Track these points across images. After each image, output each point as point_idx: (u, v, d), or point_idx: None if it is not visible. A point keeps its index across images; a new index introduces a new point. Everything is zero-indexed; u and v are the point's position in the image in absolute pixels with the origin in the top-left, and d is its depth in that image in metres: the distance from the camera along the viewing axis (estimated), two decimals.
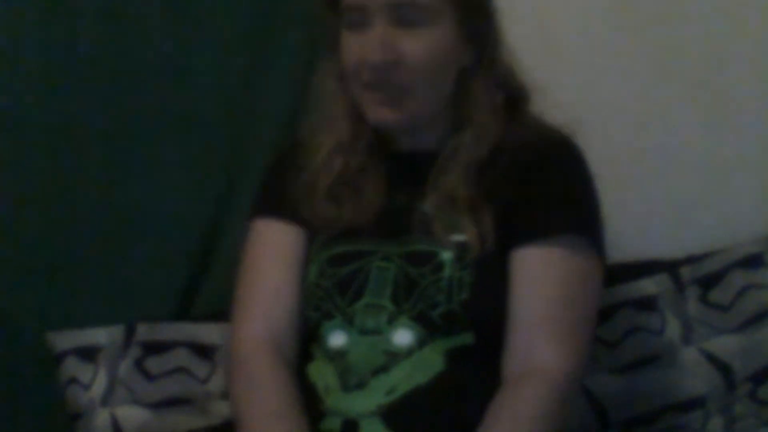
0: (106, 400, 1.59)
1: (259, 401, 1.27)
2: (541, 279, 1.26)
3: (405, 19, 1.28)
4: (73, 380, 1.61)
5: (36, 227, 1.74)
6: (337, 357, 1.27)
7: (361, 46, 1.29)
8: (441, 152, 1.34)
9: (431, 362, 1.25)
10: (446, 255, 1.27)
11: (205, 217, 1.81)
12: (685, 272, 1.62)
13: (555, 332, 1.24)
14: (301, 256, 1.36)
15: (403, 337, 1.25)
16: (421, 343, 1.25)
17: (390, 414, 1.22)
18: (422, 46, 1.28)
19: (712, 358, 1.55)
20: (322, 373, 1.29)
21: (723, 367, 1.54)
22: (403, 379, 1.24)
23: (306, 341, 1.34)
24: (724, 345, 1.55)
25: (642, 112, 1.76)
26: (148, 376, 1.61)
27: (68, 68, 1.73)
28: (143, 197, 1.77)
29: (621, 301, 1.60)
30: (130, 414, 1.59)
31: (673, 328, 1.58)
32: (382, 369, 1.24)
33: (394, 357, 1.25)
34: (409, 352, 1.25)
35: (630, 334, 1.59)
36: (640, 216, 1.73)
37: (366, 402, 1.23)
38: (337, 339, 1.28)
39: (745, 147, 1.72)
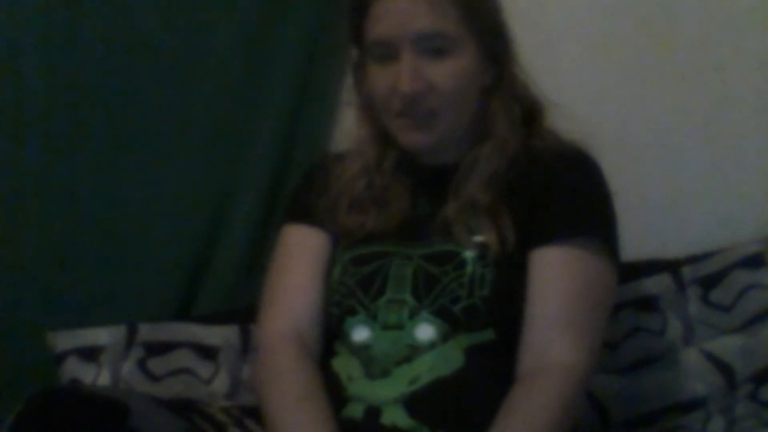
0: None
1: (283, 388, 1.31)
2: (558, 278, 1.31)
3: (432, 49, 1.33)
4: (75, 380, 1.60)
5: (36, 227, 1.74)
6: (361, 350, 1.32)
7: (392, 78, 1.34)
8: (463, 164, 1.40)
9: (452, 357, 1.29)
10: (468, 254, 1.33)
11: (205, 218, 1.81)
12: (686, 272, 1.62)
13: (570, 329, 1.28)
14: (326, 257, 1.43)
15: (425, 332, 1.30)
16: (443, 338, 1.30)
17: (413, 402, 1.27)
18: (450, 73, 1.34)
19: (713, 359, 1.55)
20: (345, 365, 1.33)
21: (724, 368, 1.54)
22: (426, 370, 1.28)
23: (329, 339, 1.39)
24: (725, 345, 1.56)
25: (641, 112, 1.76)
26: (152, 377, 1.61)
27: (69, 69, 1.74)
28: (144, 198, 1.77)
29: (622, 302, 1.59)
30: None
31: (674, 329, 1.59)
32: (405, 360, 1.29)
33: (416, 349, 1.30)
34: (431, 346, 1.29)
35: (631, 334, 1.59)
36: (641, 216, 1.72)
37: (389, 390, 1.28)
38: (360, 334, 1.33)
39: (746, 147, 1.72)
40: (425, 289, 1.32)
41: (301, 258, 1.43)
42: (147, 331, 1.65)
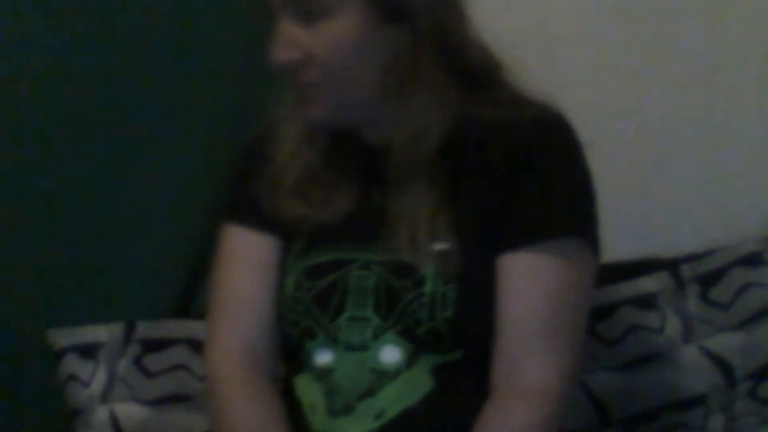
0: (105, 397, 1.60)
1: (236, 419, 1.20)
2: (531, 288, 1.16)
3: (305, 14, 1.15)
4: (73, 377, 1.61)
5: (36, 226, 1.75)
6: (323, 376, 1.20)
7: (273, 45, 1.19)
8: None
9: (419, 382, 1.17)
10: (428, 268, 1.17)
11: (204, 215, 1.81)
12: (686, 270, 1.61)
13: (545, 345, 1.16)
14: (275, 265, 1.27)
15: (390, 354, 1.18)
16: (409, 362, 1.17)
17: None
18: (326, 40, 1.15)
19: (712, 356, 1.55)
20: (308, 390, 1.22)
21: (723, 365, 1.54)
22: (392, 402, 1.17)
23: (290, 352, 1.27)
24: (725, 343, 1.55)
25: (641, 110, 1.76)
26: (148, 374, 1.61)
27: (68, 68, 1.74)
28: (143, 196, 1.77)
29: (621, 300, 1.59)
30: (129, 411, 1.59)
31: (673, 326, 1.58)
32: (368, 393, 1.17)
33: (380, 378, 1.17)
34: (396, 372, 1.17)
35: (630, 332, 1.58)
36: (640, 214, 1.73)
37: (354, 427, 1.17)
38: (322, 357, 1.20)
39: (745, 145, 1.72)
40: (388, 306, 1.18)
41: (248, 267, 1.28)
42: (144, 329, 1.65)
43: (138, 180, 1.77)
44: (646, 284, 1.61)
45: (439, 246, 1.18)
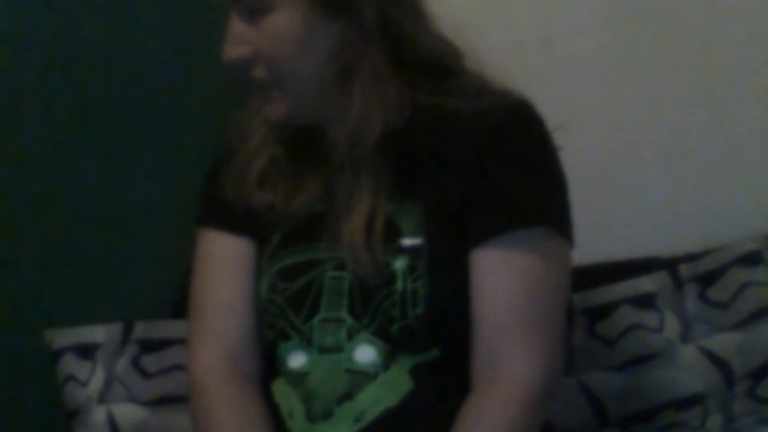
0: (102, 397, 1.59)
1: (216, 430, 1.19)
2: (504, 281, 1.15)
3: (249, 11, 1.16)
4: (71, 377, 1.60)
5: (35, 226, 1.74)
6: (298, 380, 1.19)
7: None
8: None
9: (398, 382, 1.16)
10: (398, 265, 1.16)
11: None
12: (684, 270, 1.61)
13: (522, 336, 1.14)
14: (252, 268, 1.27)
15: (365, 354, 1.16)
16: (385, 363, 1.16)
17: None
18: (270, 35, 1.15)
19: (710, 356, 1.55)
20: (285, 396, 1.21)
21: (722, 365, 1.54)
22: (371, 403, 1.15)
23: (269, 356, 1.26)
24: (723, 342, 1.55)
25: (641, 110, 1.76)
26: (145, 374, 1.61)
27: (68, 68, 1.74)
28: (142, 195, 1.77)
29: (619, 299, 1.59)
30: (126, 411, 1.58)
31: (671, 326, 1.58)
32: (346, 396, 1.15)
33: (357, 379, 1.16)
34: (374, 374, 1.16)
35: (628, 331, 1.58)
36: (639, 213, 1.73)
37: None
38: (296, 360, 1.20)
39: (745, 145, 1.72)
40: (362, 306, 1.16)
41: (224, 271, 1.26)
42: (142, 329, 1.65)
43: (136, 179, 1.77)
44: (645, 284, 1.61)
45: (408, 241, 1.17)
